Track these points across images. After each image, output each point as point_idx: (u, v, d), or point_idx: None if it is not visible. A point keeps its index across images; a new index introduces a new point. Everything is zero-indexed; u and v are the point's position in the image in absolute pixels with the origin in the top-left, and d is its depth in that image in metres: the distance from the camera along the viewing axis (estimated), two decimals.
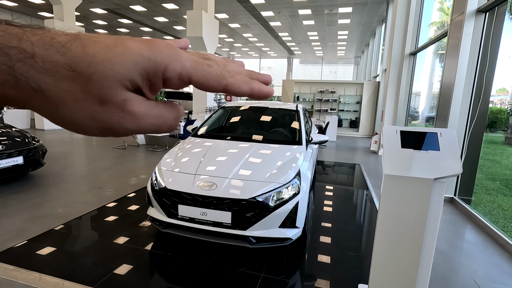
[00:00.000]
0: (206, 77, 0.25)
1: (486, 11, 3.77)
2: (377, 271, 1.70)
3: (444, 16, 10.93)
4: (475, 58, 3.89)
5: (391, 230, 1.63)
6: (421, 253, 1.59)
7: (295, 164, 2.71)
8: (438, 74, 12.01)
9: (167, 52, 0.24)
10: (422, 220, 1.56)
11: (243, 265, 2.37)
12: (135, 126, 0.24)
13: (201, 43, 8.62)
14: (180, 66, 0.24)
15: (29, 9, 14.11)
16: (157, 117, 0.26)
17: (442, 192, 1.54)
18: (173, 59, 0.24)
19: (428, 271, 1.62)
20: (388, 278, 1.68)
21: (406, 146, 1.64)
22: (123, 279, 2.17)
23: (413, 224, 1.58)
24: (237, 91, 0.27)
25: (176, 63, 0.24)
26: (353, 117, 12.21)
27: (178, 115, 0.28)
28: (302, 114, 3.81)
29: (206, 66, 0.25)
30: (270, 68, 31.93)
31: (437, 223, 1.57)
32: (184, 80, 0.25)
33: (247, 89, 0.27)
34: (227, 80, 0.26)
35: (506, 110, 11.31)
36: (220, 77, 0.26)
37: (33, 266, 2.26)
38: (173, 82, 0.25)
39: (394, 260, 1.65)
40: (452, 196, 4.14)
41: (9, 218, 3.12)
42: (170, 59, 0.24)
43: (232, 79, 0.27)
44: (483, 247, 2.97)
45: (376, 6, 11.77)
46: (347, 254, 2.64)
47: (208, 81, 0.25)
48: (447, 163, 1.54)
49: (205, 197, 2.35)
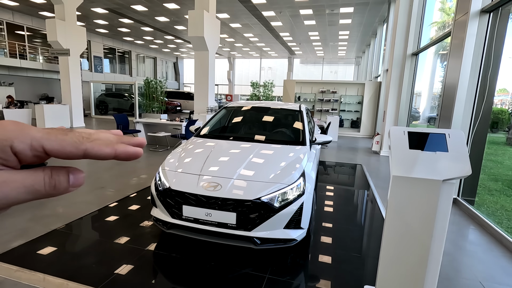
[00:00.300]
0: (61, 144, 0.25)
1: (490, 12, 3.76)
2: (384, 273, 1.69)
3: (445, 16, 10.92)
4: (479, 58, 3.88)
5: (399, 232, 1.62)
6: (429, 255, 1.58)
7: (299, 165, 2.69)
8: (438, 75, 12.01)
9: (11, 128, 0.25)
10: (430, 222, 1.55)
11: (247, 266, 2.36)
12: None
13: (202, 43, 8.61)
14: (29, 138, 0.25)
15: (30, 8, 14.09)
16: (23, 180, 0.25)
17: (451, 193, 1.53)
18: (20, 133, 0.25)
19: (436, 272, 1.61)
20: (395, 280, 1.67)
21: (414, 147, 1.63)
22: (127, 280, 2.16)
23: (421, 226, 1.57)
24: (98, 154, 0.27)
25: (24, 136, 0.25)
26: (354, 117, 12.19)
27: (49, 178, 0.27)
28: (305, 114, 3.80)
29: (61, 135, 0.26)
30: (270, 68, 31.90)
31: (446, 225, 1.56)
32: (38, 150, 0.25)
33: (110, 151, 0.27)
34: (85, 145, 0.26)
35: (507, 110, 11.29)
36: (78, 142, 0.26)
37: (36, 266, 2.25)
38: (26, 153, 0.25)
39: (402, 262, 1.64)
40: (455, 197, 4.13)
41: (12, 218, 3.11)
42: (16, 133, 0.25)
43: (92, 143, 0.27)
44: (487, 248, 2.96)
45: (378, 6, 11.75)
46: (351, 255, 2.63)
47: (65, 147, 0.26)
48: (456, 165, 1.53)
49: (209, 197, 2.34)
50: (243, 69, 31.88)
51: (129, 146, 0.28)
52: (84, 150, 0.26)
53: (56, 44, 10.54)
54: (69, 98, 11.20)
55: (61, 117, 10.74)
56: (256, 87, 16.73)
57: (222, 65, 29.06)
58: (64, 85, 11.20)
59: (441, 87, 10.97)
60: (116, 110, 16.94)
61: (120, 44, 22.10)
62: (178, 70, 30.29)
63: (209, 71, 9.05)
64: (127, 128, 7.27)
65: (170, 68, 29.75)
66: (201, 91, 9.22)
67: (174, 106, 17.98)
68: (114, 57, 22.29)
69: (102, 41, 20.42)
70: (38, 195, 0.26)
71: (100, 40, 20.24)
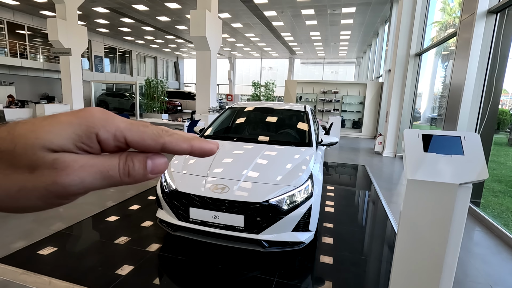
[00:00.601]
0: (142, 136, 0.26)
1: (497, 12, 3.73)
2: (398, 278, 1.66)
3: (446, 17, 10.90)
4: (485, 59, 3.85)
5: (413, 237, 1.59)
6: (444, 260, 1.55)
7: (306, 167, 2.66)
8: (440, 75, 11.98)
9: (99, 116, 0.25)
10: (446, 226, 1.52)
11: (255, 269, 2.33)
12: (75, 179, 0.24)
13: (204, 43, 8.57)
14: (114, 127, 0.25)
15: (31, 7, 14.05)
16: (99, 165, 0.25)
17: (467, 197, 1.51)
18: (106, 122, 0.25)
19: (451, 276, 1.58)
20: (408, 286, 1.64)
21: (429, 150, 1.60)
22: (134, 283, 2.13)
23: (437, 230, 1.54)
24: (176, 149, 0.27)
25: (110, 125, 0.25)
26: (356, 118, 12.17)
27: (124, 164, 0.26)
28: (310, 115, 3.77)
29: (142, 127, 0.26)
30: (271, 68, 31.87)
31: (461, 230, 1.53)
32: (120, 140, 0.26)
33: (187, 147, 0.28)
34: (164, 139, 0.27)
35: (509, 111, 11.29)
36: (157, 135, 0.26)
37: (41, 269, 2.22)
38: (108, 143, 0.25)
39: (415, 268, 1.61)
40: None
41: (15, 219, 3.08)
42: (102, 122, 0.25)
43: (170, 137, 0.27)
44: (495, 251, 2.93)
45: (380, 6, 11.72)
46: (360, 258, 2.60)
47: (145, 140, 0.26)
48: (472, 168, 1.50)
49: (217, 200, 2.31)
50: (244, 69, 31.85)
51: (205, 143, 0.29)
52: (163, 144, 0.27)
53: (57, 43, 10.50)
54: (70, 98, 11.16)
55: None
56: (257, 87, 16.69)
57: (223, 64, 29.02)
58: (65, 84, 11.16)
59: (442, 87, 10.91)
60: (116, 110, 16.89)
61: (121, 44, 22.06)
62: (178, 69, 30.25)
63: (211, 71, 9.02)
64: None
65: (170, 68, 29.71)
66: (203, 91, 9.18)
67: (174, 106, 17.94)
68: (114, 56, 22.25)
69: (103, 41, 20.38)
70: (113, 182, 0.26)
71: (101, 39, 20.20)
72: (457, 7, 8.49)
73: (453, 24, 8.37)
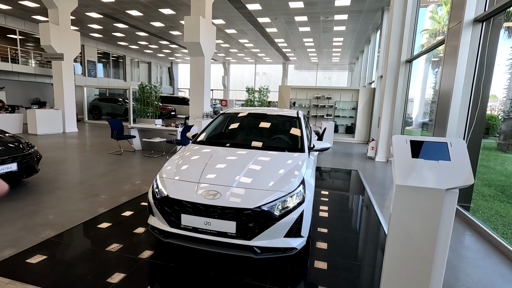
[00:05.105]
0: None
1: (483, 21, 3.84)
2: (388, 282, 1.68)
3: (435, 24, 11.17)
4: (472, 66, 3.95)
5: (402, 242, 1.61)
6: (432, 264, 1.57)
7: (298, 172, 2.68)
8: (430, 81, 12.20)
9: None
10: (434, 230, 1.55)
11: (247, 276, 2.32)
12: None
13: (198, 49, 8.61)
14: None
15: (23, 12, 13.94)
16: None
17: (454, 202, 1.53)
18: None
19: (440, 279, 1.60)
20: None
21: (417, 156, 1.63)
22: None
23: (425, 234, 1.56)
24: None
25: None
26: (349, 123, 12.29)
27: None
28: (303, 121, 3.80)
29: None
30: (265, 73, 32.08)
31: (449, 234, 1.56)
32: None
33: None
34: None
35: (497, 116, 11.54)
36: None
37: (29, 278, 2.17)
38: None
39: (406, 271, 1.63)
40: None
41: (2, 227, 3.01)
42: None
43: None
44: (485, 255, 2.97)
45: (371, 13, 11.95)
46: (352, 264, 2.61)
47: None
48: (459, 173, 1.53)
49: (209, 206, 2.31)
50: (238, 75, 31.99)
51: None
52: None
53: (50, 48, 10.42)
54: (62, 103, 11.05)
55: (53, 122, 10.57)
56: (251, 92, 16.77)
57: (217, 70, 29.10)
58: (57, 89, 11.05)
59: (433, 93, 11.10)
60: (109, 115, 16.77)
61: (115, 49, 21.98)
62: (172, 75, 30.23)
63: (205, 77, 9.05)
64: (122, 133, 7.18)
65: (164, 73, 29.67)
66: (197, 97, 9.19)
67: (168, 111, 17.88)
68: (108, 61, 22.15)
69: (96, 46, 20.29)
70: None
71: (94, 44, 20.11)
72: (445, 16, 8.71)
73: (442, 31, 8.58)
